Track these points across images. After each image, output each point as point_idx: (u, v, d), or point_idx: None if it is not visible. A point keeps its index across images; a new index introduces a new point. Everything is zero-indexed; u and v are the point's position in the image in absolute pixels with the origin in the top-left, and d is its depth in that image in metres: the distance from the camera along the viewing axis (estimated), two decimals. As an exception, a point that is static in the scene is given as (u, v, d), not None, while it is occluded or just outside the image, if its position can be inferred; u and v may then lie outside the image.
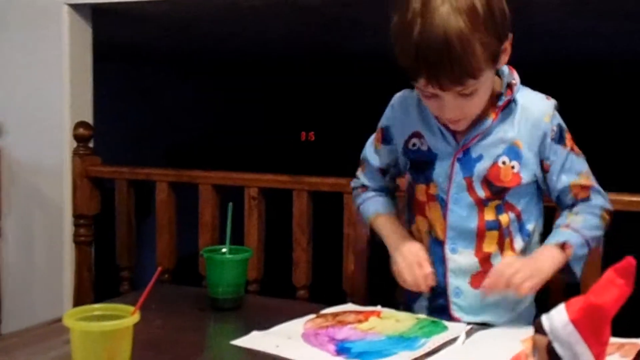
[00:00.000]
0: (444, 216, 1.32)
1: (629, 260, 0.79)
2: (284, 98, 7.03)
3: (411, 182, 1.40)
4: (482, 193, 1.30)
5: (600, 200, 1.33)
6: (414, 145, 1.35)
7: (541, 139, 1.29)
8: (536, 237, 1.37)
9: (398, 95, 1.40)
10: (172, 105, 6.05)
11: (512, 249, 1.32)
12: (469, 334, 1.23)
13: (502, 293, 1.26)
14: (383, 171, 1.46)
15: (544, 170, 1.31)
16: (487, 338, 1.22)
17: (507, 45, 1.23)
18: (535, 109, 1.29)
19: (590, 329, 0.77)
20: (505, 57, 1.24)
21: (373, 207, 1.46)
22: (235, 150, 5.97)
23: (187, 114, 6.23)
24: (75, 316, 0.98)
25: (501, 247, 1.32)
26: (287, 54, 4.54)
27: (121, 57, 4.88)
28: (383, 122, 1.42)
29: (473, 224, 1.31)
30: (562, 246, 1.27)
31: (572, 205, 1.33)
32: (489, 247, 1.32)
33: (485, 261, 1.32)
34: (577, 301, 0.78)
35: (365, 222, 1.49)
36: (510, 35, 1.23)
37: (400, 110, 1.38)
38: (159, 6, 2.51)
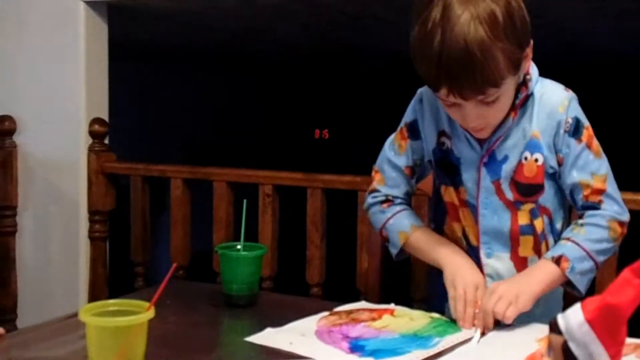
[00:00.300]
0: (476, 221, 1.31)
1: (646, 260, 0.78)
2: (298, 95, 7.03)
3: (437, 184, 1.38)
4: (510, 195, 1.29)
5: (612, 209, 1.28)
6: (443, 144, 1.33)
7: (555, 129, 1.26)
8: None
9: (424, 90, 1.36)
10: (187, 102, 6.07)
11: (548, 249, 1.31)
12: (483, 333, 1.23)
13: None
14: (411, 170, 1.39)
15: (559, 163, 1.28)
16: (502, 338, 1.21)
17: (529, 52, 1.22)
18: (551, 98, 1.27)
19: (606, 329, 0.76)
20: (527, 64, 1.23)
21: (407, 220, 1.38)
22: (249, 148, 5.98)
23: (202, 111, 6.25)
24: (91, 311, 0.98)
25: (537, 252, 1.31)
26: (303, 50, 4.54)
27: (137, 54, 4.90)
28: (409, 116, 1.38)
29: (506, 227, 1.30)
30: (558, 260, 1.24)
31: (583, 209, 1.29)
32: (525, 251, 1.31)
33: (522, 265, 1.31)
34: (593, 301, 0.78)
35: (396, 238, 1.39)
36: (531, 42, 1.22)
37: (429, 105, 1.34)
38: (174, 3, 2.52)
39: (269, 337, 1.19)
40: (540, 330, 1.21)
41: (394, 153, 1.40)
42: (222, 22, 3.19)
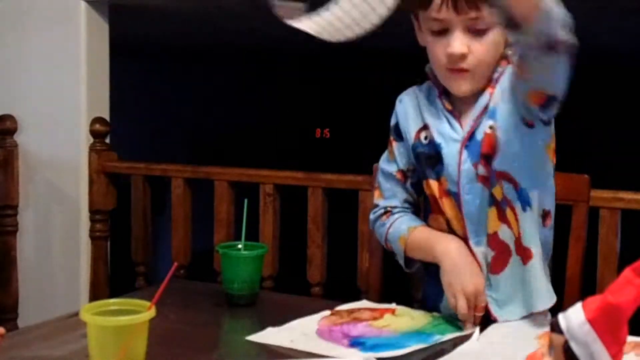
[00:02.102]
0: (460, 210, 1.28)
1: (647, 260, 0.78)
2: (299, 94, 7.03)
3: (423, 180, 1.36)
4: (482, 170, 1.25)
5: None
6: (425, 138, 1.32)
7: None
8: (536, 208, 1.28)
9: (404, 92, 1.38)
10: (188, 101, 6.07)
11: (515, 216, 1.26)
12: (482, 330, 1.23)
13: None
14: (403, 174, 1.38)
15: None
16: (502, 335, 1.21)
17: None
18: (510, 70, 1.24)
19: (607, 328, 0.76)
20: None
21: (404, 224, 1.35)
22: (251, 147, 5.98)
23: (203, 110, 6.25)
24: (92, 311, 0.98)
25: (504, 220, 1.26)
26: (305, 50, 4.54)
27: (138, 53, 4.90)
28: (393, 120, 1.39)
29: (485, 208, 1.26)
30: None
31: None
32: (493, 227, 1.26)
33: (495, 242, 1.27)
34: (594, 300, 0.78)
35: (397, 246, 1.36)
36: None
37: (409, 102, 1.36)
38: (175, 2, 2.53)
39: (270, 336, 1.20)
40: (540, 327, 1.21)
41: (386, 162, 1.40)
42: (223, 21, 3.19)
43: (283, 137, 6.72)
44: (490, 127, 1.24)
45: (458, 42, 1.20)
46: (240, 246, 1.43)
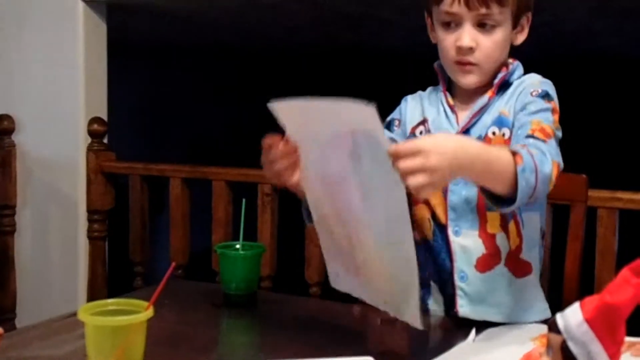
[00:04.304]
0: (445, 198, 1.30)
1: (645, 260, 0.78)
2: (297, 95, 7.02)
3: None
4: None
5: (555, 152, 1.17)
6: (421, 132, 1.35)
7: (523, 97, 1.25)
8: (538, 227, 1.34)
9: (410, 95, 1.42)
10: (186, 101, 6.07)
11: (518, 230, 1.29)
12: (478, 331, 1.23)
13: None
14: None
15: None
16: (498, 336, 1.22)
17: (526, 22, 1.29)
18: (525, 81, 1.29)
19: (605, 328, 0.76)
20: (521, 37, 1.30)
21: None
22: (249, 147, 5.98)
23: (201, 110, 6.25)
24: (90, 311, 0.98)
25: (505, 229, 1.30)
26: (303, 50, 4.54)
27: (136, 53, 4.90)
28: (390, 115, 1.41)
29: (473, 202, 1.29)
30: (514, 153, 1.10)
31: (526, 139, 1.19)
32: (492, 228, 1.29)
33: (490, 243, 1.29)
34: (592, 300, 0.78)
35: None
36: (530, 17, 1.29)
37: (412, 102, 1.40)
38: (173, 2, 2.53)
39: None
40: (535, 329, 1.21)
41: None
42: (222, 22, 3.19)
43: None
44: (494, 134, 1.27)
45: (467, 36, 1.25)
46: (238, 246, 1.43)
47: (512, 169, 1.07)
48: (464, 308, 1.30)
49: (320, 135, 1.09)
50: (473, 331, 1.21)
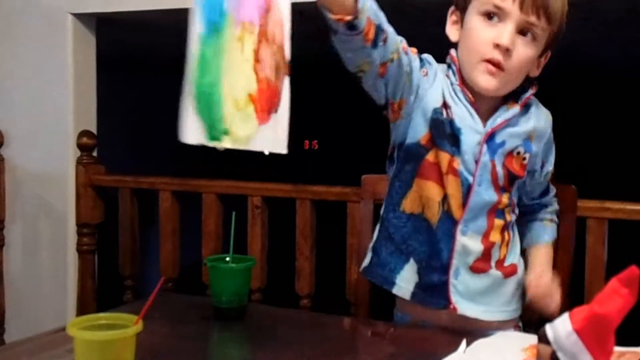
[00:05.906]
0: (466, 195, 1.29)
1: (633, 270, 0.78)
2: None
3: (426, 143, 1.29)
4: (502, 179, 1.31)
5: (555, 202, 1.48)
6: (441, 114, 1.28)
7: (547, 138, 1.37)
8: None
9: (433, 60, 1.32)
10: (176, 113, 6.06)
11: (507, 243, 1.36)
12: (469, 342, 1.23)
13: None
14: (385, 69, 1.22)
15: (541, 167, 1.39)
16: (488, 346, 1.22)
17: (545, 58, 1.32)
18: (544, 113, 1.37)
19: (594, 338, 0.76)
20: (537, 70, 1.32)
21: None
22: (239, 159, 5.97)
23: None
24: (79, 325, 0.98)
25: (502, 240, 1.34)
26: (292, 61, 4.54)
27: (125, 66, 4.90)
28: (424, 56, 1.31)
29: (488, 208, 1.31)
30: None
31: (540, 197, 1.45)
32: (494, 236, 1.33)
33: (487, 250, 1.32)
34: (581, 311, 0.78)
35: None
36: (549, 54, 1.33)
37: (438, 76, 1.30)
38: (162, 15, 2.52)
39: None
40: (525, 339, 1.21)
41: (415, 58, 1.28)
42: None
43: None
44: (518, 153, 1.32)
45: (508, 35, 1.22)
46: (228, 259, 1.42)
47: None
48: (460, 305, 1.32)
49: None
50: (464, 342, 1.21)
